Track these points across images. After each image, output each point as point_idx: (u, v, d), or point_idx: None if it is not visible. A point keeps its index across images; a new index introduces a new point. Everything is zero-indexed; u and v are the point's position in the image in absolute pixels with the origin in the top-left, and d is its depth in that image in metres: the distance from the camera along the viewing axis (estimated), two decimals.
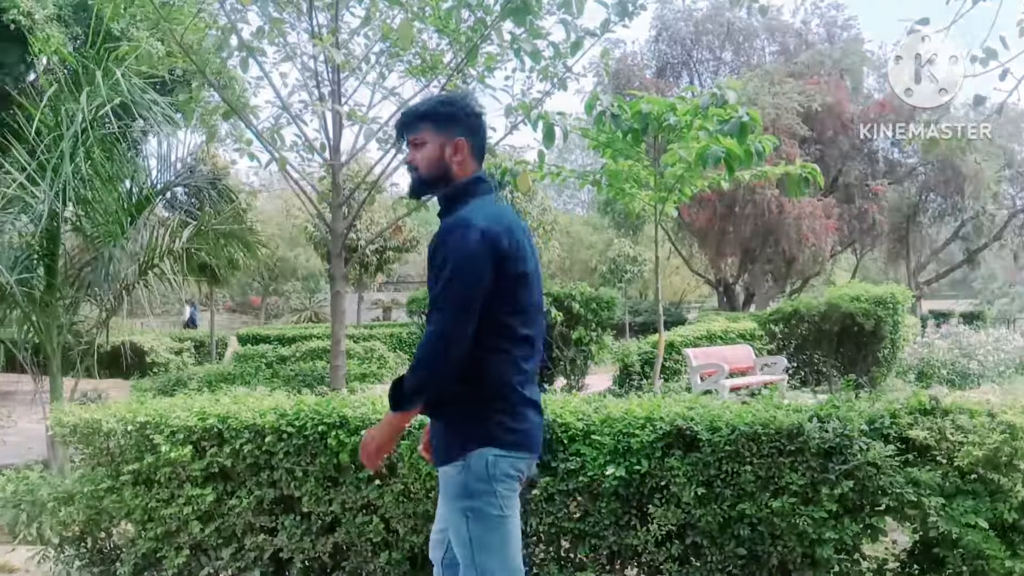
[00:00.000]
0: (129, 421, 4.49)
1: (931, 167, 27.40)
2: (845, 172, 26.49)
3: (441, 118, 2.65)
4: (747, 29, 29.90)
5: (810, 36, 30.05)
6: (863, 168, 26.78)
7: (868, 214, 25.59)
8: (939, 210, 30.05)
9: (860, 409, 3.73)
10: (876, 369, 12.98)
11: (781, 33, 30.04)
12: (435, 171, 2.63)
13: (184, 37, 6.77)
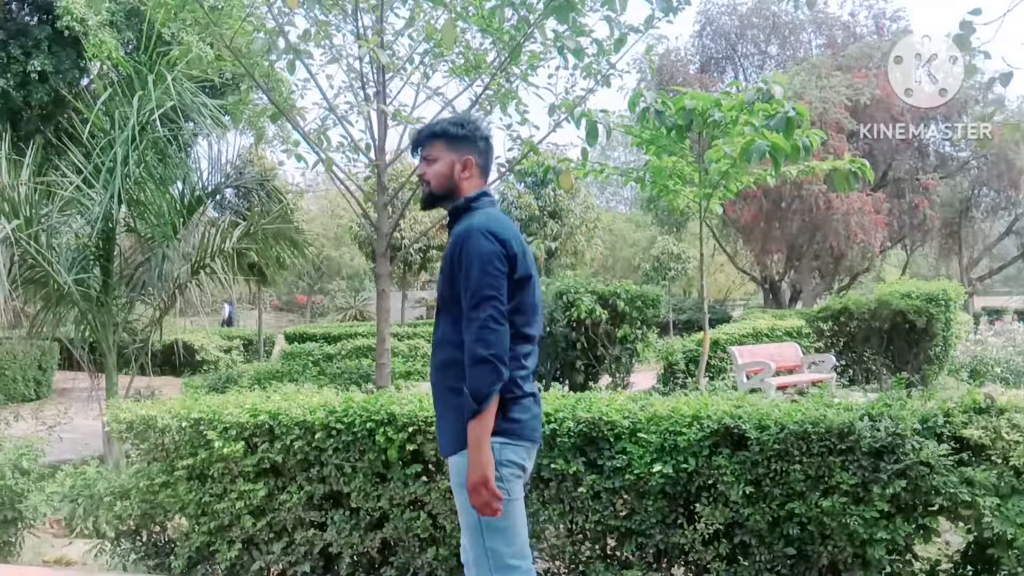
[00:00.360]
0: (183, 417, 4.59)
1: (984, 160, 26.73)
2: (895, 166, 26.00)
3: (454, 137, 2.82)
4: (793, 22, 29.48)
5: (858, 28, 29.54)
6: (913, 162, 26.26)
7: (919, 209, 25.08)
8: (992, 204, 29.33)
9: (912, 408, 3.67)
10: (927, 367, 12.70)
11: (828, 26, 29.56)
12: (445, 185, 2.80)
13: (233, 41, 6.90)
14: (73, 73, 14.89)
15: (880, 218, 23.37)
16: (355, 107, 7.56)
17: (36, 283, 7.12)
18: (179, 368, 15.78)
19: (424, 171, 2.82)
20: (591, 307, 9.59)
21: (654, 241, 30.17)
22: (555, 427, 3.96)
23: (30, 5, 15.68)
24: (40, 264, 6.81)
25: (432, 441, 4.14)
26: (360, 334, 17.26)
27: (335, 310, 38.33)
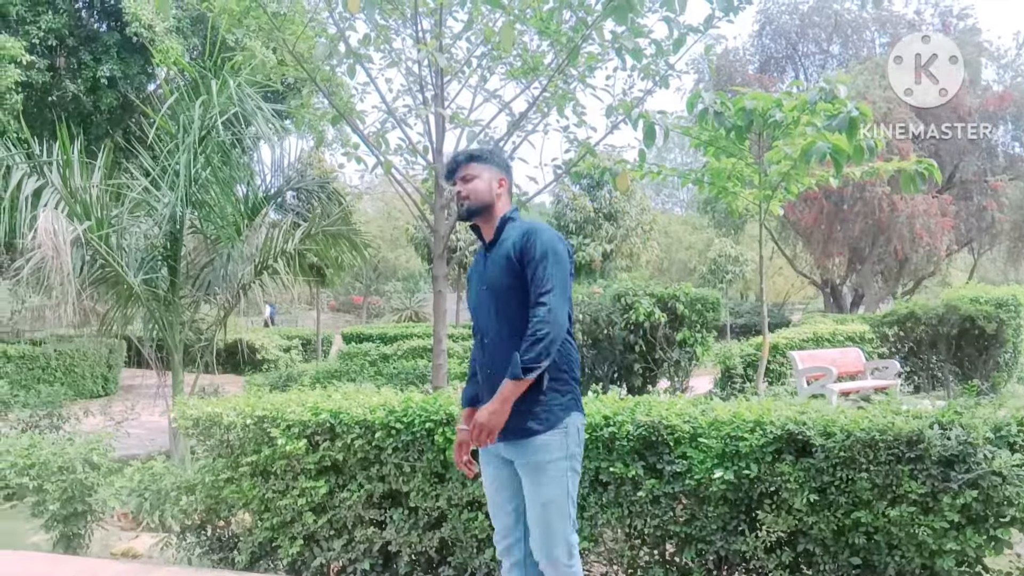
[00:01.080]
0: (248, 415, 4.68)
1: None
2: (962, 168, 25.25)
3: (491, 160, 3.20)
4: (856, 21, 28.86)
5: (923, 27, 28.74)
6: (981, 163, 25.47)
7: (987, 211, 24.34)
8: None
9: (984, 416, 3.56)
10: (996, 374, 12.31)
11: (892, 24, 28.84)
12: (483, 201, 3.12)
13: (295, 46, 7.01)
14: (140, 78, 15.34)
15: (946, 220, 22.75)
16: (413, 110, 7.61)
17: (106, 283, 7.35)
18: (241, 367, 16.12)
19: (462, 189, 3.11)
20: (650, 310, 9.52)
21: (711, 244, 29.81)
22: (614, 430, 3.93)
23: (99, 12, 16.20)
24: (110, 264, 7.03)
25: None
26: (416, 335, 17.42)
27: (391, 311, 38.71)
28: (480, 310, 3.12)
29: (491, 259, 3.07)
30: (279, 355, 18.19)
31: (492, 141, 7.55)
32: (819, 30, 29.39)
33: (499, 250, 3.03)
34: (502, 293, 2.99)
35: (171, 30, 13.48)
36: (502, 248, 3.02)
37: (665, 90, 7.29)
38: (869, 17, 28.69)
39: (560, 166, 8.01)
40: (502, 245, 3.03)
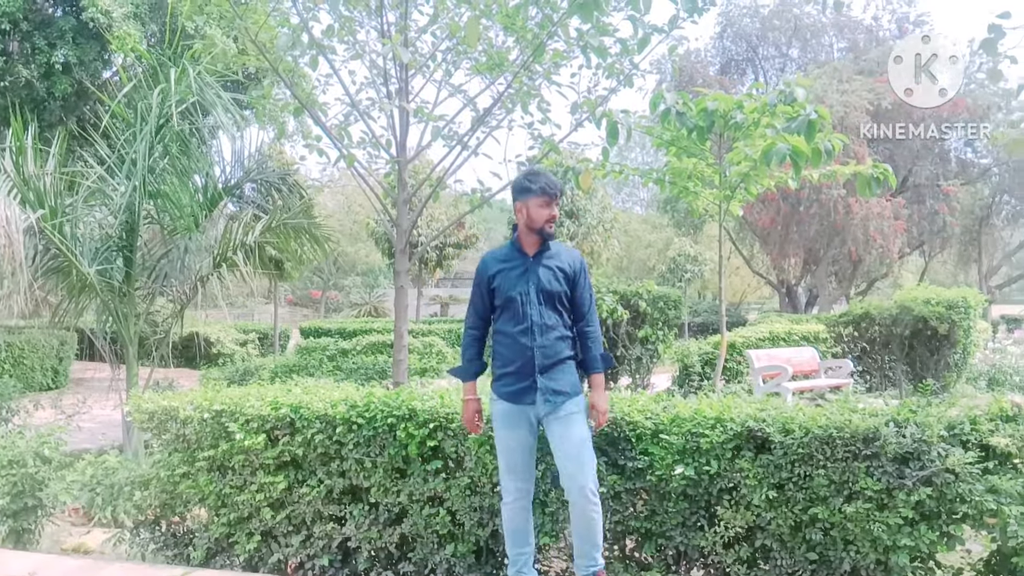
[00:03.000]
0: (205, 409, 4.61)
1: (1006, 168, 26.50)
2: (915, 172, 25.80)
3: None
4: (815, 25, 29.31)
5: (881, 32, 29.33)
6: (934, 168, 26.04)
7: (939, 215, 24.90)
8: (1013, 212, 29.09)
9: (938, 415, 3.64)
10: (947, 375, 12.61)
11: (851, 30, 29.36)
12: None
13: (257, 35, 6.91)
14: (97, 65, 14.99)
15: (899, 224, 23.22)
16: (377, 103, 7.56)
17: (59, 273, 7.17)
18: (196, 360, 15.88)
19: (556, 215, 3.83)
20: (613, 307, 9.55)
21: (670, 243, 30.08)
22: None
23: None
24: (63, 254, 6.86)
25: (452, 437, 4.15)
26: (375, 330, 17.31)
27: (350, 306, 38.45)
28: (529, 306, 3.74)
29: (537, 266, 3.78)
30: (235, 349, 17.95)
31: (456, 136, 7.54)
32: (779, 34, 29.79)
33: (548, 261, 3.80)
34: (555, 295, 3.76)
35: (129, 16, 13.20)
36: (552, 260, 3.81)
37: (629, 89, 7.34)
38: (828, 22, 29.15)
39: (524, 163, 8.02)
40: (552, 258, 3.82)
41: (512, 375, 3.74)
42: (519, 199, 3.84)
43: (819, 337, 12.82)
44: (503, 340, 3.80)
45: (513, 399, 3.73)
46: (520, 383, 3.72)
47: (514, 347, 3.74)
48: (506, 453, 3.77)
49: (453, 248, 26.50)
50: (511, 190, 3.97)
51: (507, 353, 3.77)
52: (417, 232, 22.34)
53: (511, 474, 3.77)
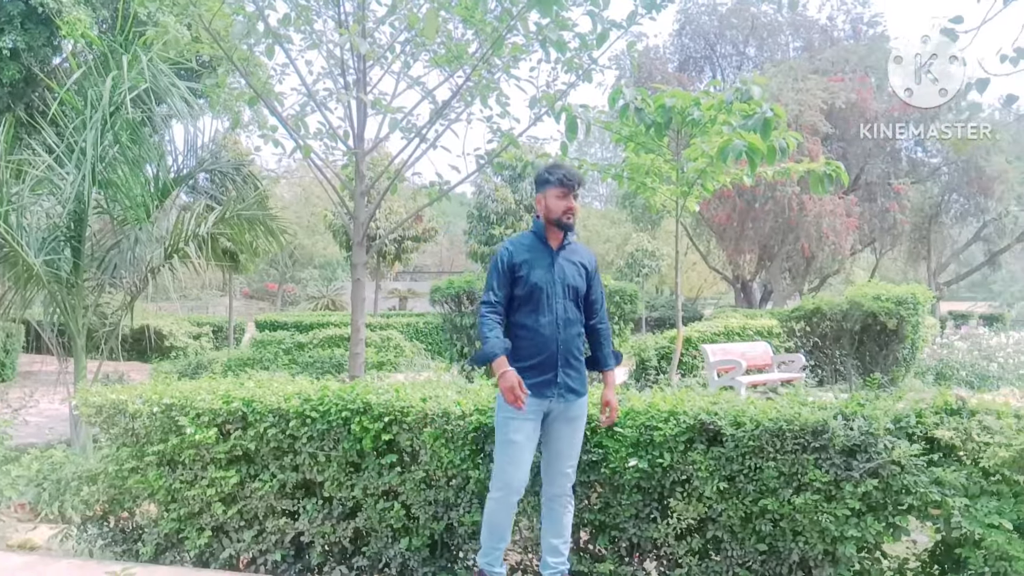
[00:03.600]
0: (155, 403, 4.53)
1: (955, 167, 27.13)
2: (867, 170, 26.29)
3: None
4: (771, 24, 29.69)
5: (835, 32, 29.83)
6: (886, 167, 26.57)
7: (889, 213, 25.41)
8: (961, 210, 29.78)
9: (885, 408, 3.72)
10: (895, 369, 12.90)
11: (806, 29, 29.81)
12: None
13: (212, 23, 6.79)
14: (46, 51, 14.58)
15: (851, 221, 23.65)
16: (334, 94, 7.48)
17: (4, 263, 6.99)
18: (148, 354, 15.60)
19: (575, 207, 3.81)
20: None
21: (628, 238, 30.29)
22: None
23: None
24: (9, 244, 6.69)
25: (407, 431, 4.13)
26: (332, 323, 17.19)
27: (307, 299, 38.09)
28: (555, 299, 3.73)
29: (562, 261, 3.80)
30: (188, 342, 17.66)
31: (415, 128, 7.49)
32: (736, 32, 30.12)
33: (570, 256, 3.84)
34: (577, 290, 3.80)
35: (80, 1, 12.88)
36: (574, 255, 3.86)
37: (588, 84, 7.37)
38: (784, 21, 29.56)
39: (483, 156, 8.00)
40: (574, 253, 3.87)
41: (534, 368, 3.66)
42: (539, 190, 3.85)
43: (772, 332, 13.02)
44: (524, 333, 3.71)
45: (532, 392, 3.62)
46: (542, 376, 3.67)
47: (537, 340, 3.68)
48: (510, 447, 3.63)
49: (412, 241, 26.39)
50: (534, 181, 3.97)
51: (529, 347, 3.69)
52: (375, 225, 22.20)
53: (512, 467, 3.63)
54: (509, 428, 3.63)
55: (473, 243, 25.27)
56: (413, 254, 28.41)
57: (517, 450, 3.62)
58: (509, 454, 3.63)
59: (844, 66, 25.94)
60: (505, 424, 3.65)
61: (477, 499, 4.09)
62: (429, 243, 29.07)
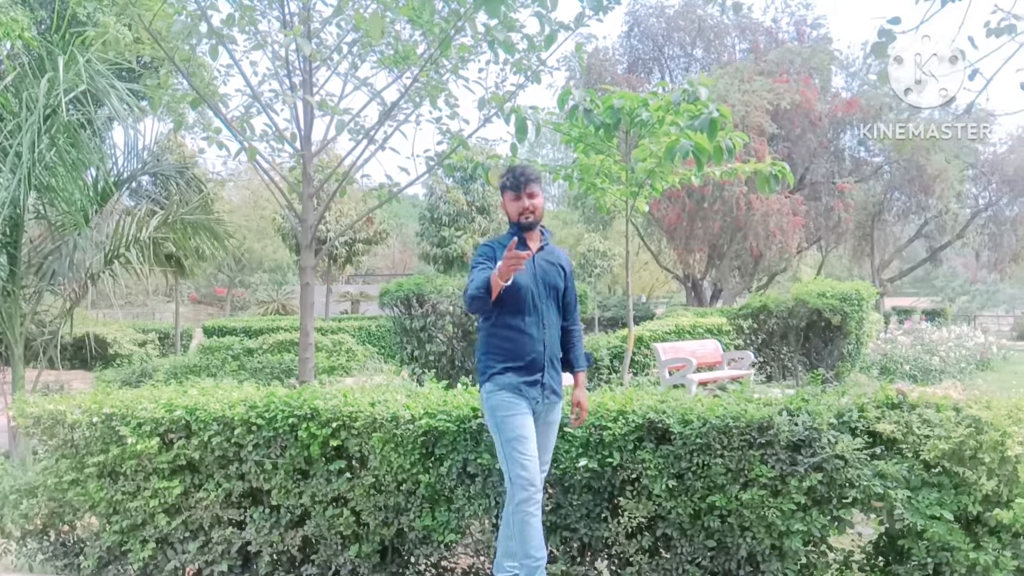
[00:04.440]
0: (94, 412, 4.41)
1: (897, 166, 27.78)
2: (812, 170, 26.78)
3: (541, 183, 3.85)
4: (718, 26, 30.07)
5: (780, 35, 30.32)
6: (830, 166, 27.09)
7: (834, 211, 25.88)
8: (903, 208, 30.47)
9: (829, 403, 3.78)
10: (841, 364, 13.15)
11: (752, 31, 30.26)
12: (540, 217, 3.79)
13: (152, 23, 6.64)
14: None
15: (798, 220, 24.05)
16: (280, 95, 7.38)
17: None
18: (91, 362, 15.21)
19: (529, 204, 3.71)
20: None
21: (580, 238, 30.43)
22: (482, 422, 3.94)
23: None
24: None
25: (356, 436, 4.08)
26: (283, 328, 16.94)
27: (256, 303, 37.54)
28: (540, 299, 3.69)
29: (542, 261, 3.77)
30: (133, 350, 17.27)
31: (363, 130, 7.42)
32: (684, 34, 30.43)
33: (548, 257, 3.81)
34: (557, 290, 3.79)
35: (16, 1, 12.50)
36: (551, 256, 3.83)
37: (537, 86, 7.39)
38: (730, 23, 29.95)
39: (433, 158, 7.97)
40: (551, 254, 3.84)
41: (521, 369, 3.58)
42: (501, 195, 3.85)
43: (722, 330, 13.19)
44: (509, 334, 3.61)
45: (518, 392, 3.54)
46: (530, 376, 3.59)
47: (523, 341, 3.61)
48: (518, 441, 3.47)
49: (363, 244, 26.15)
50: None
51: (514, 348, 3.60)
52: (325, 228, 21.96)
53: (530, 462, 3.46)
54: (515, 425, 3.50)
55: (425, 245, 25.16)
56: (364, 257, 28.17)
57: (529, 444, 3.49)
58: (523, 450, 3.47)
59: (789, 67, 26.39)
60: (509, 422, 3.51)
61: (428, 503, 4.06)
62: (381, 246, 28.84)
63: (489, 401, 3.58)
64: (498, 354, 3.62)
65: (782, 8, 31.11)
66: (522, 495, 3.44)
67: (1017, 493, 3.49)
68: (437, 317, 10.17)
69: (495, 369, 3.60)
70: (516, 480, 3.44)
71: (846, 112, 25.73)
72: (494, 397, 3.56)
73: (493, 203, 24.44)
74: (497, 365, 3.59)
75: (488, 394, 3.59)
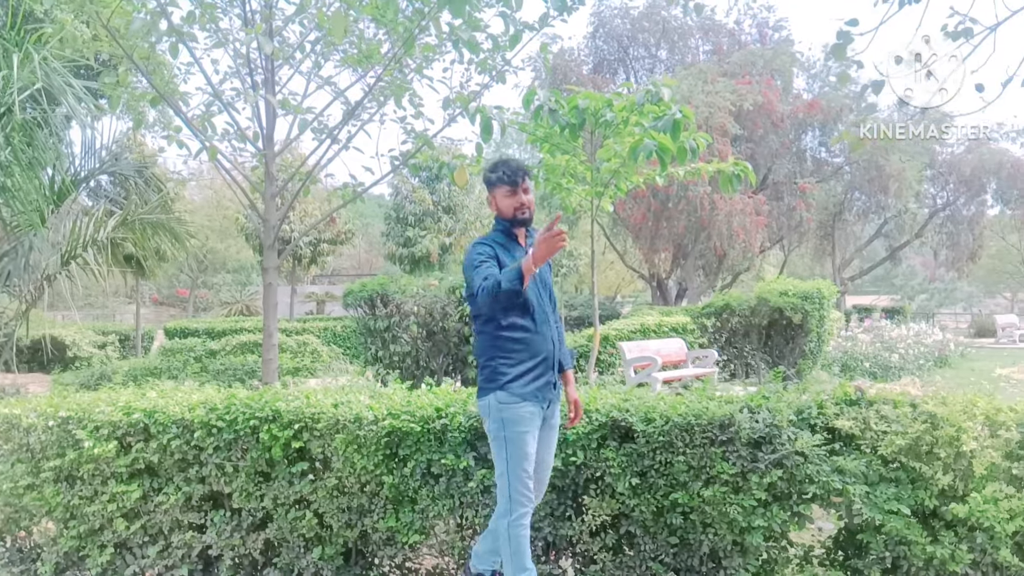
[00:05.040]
0: (50, 416, 4.33)
1: (857, 166, 28.21)
2: (775, 170, 27.09)
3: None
4: (682, 28, 30.30)
5: (743, 36, 30.64)
6: (792, 166, 27.44)
7: (796, 211, 26.21)
8: (863, 208, 30.97)
9: (788, 400, 3.83)
10: (802, 362, 13.33)
11: (715, 33, 30.53)
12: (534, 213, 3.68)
13: (110, 20, 6.54)
14: None
15: (760, 219, 24.32)
16: (242, 94, 7.30)
17: None
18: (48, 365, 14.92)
19: (527, 201, 3.61)
20: None
21: None
22: (446, 422, 3.93)
23: None
24: None
25: (319, 438, 4.05)
26: (246, 329, 16.75)
27: (220, 304, 37.12)
28: (540, 298, 3.59)
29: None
30: (93, 352, 16.96)
31: (326, 129, 7.37)
32: (648, 35, 30.61)
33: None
34: (550, 288, 3.70)
35: None
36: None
37: (503, 86, 7.39)
38: (694, 25, 30.20)
39: (397, 157, 7.93)
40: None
41: (534, 371, 3.45)
42: (488, 191, 3.65)
43: (687, 328, 13.29)
44: (518, 335, 3.45)
45: (535, 397, 3.43)
46: (542, 379, 3.48)
47: (535, 341, 3.48)
48: (526, 459, 3.39)
49: (328, 244, 25.97)
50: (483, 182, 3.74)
51: (526, 349, 3.45)
52: (289, 228, 21.76)
53: (530, 481, 3.42)
54: (526, 442, 3.39)
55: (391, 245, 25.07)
56: (330, 257, 27.99)
57: (529, 463, 3.42)
58: (528, 468, 3.40)
59: (751, 69, 26.67)
60: (522, 439, 3.38)
61: (391, 504, 4.04)
62: (346, 246, 28.66)
63: (503, 412, 3.40)
64: (509, 357, 3.44)
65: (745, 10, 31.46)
66: (520, 511, 3.40)
67: (972, 487, 3.56)
68: (401, 317, 10.13)
69: (509, 376, 3.42)
70: (517, 497, 3.38)
71: (807, 113, 26.08)
72: (509, 409, 3.39)
73: (459, 203, 24.41)
74: (510, 371, 3.42)
75: (502, 404, 3.40)
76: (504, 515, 3.41)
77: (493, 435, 3.47)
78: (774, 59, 27.41)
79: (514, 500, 3.39)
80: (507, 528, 3.40)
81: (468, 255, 3.49)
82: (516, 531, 3.40)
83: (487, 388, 3.46)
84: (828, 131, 26.54)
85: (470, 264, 3.43)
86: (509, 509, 3.40)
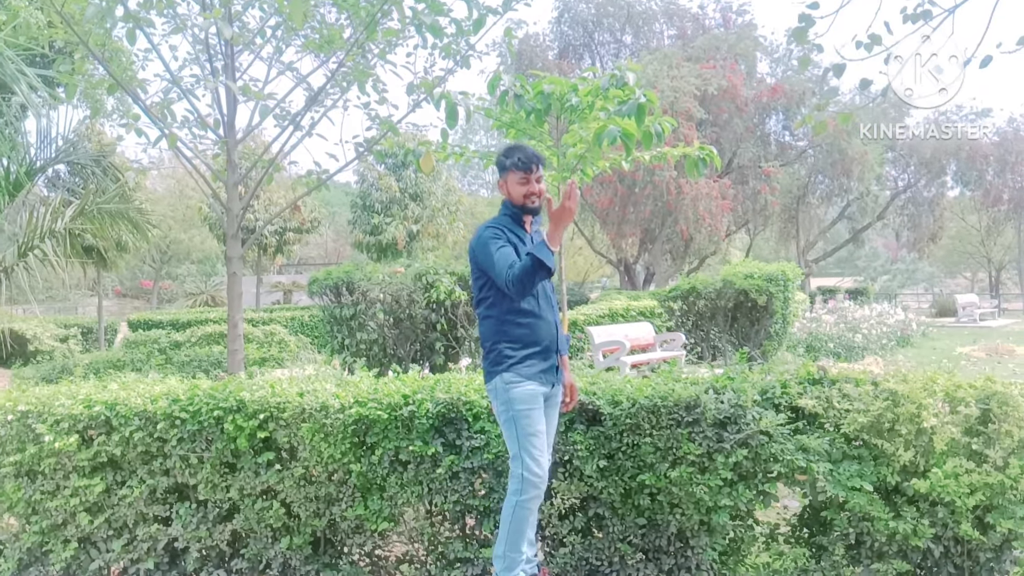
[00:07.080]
0: (9, 410, 4.25)
1: (820, 150, 28.51)
2: (739, 154, 27.29)
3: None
4: (646, 13, 30.37)
5: (707, 21, 30.77)
6: (756, 150, 27.65)
7: (761, 195, 26.45)
8: (827, 191, 31.34)
9: (753, 381, 3.86)
10: (768, 343, 13.49)
11: (679, 17, 30.64)
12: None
13: (65, 7, 6.38)
14: None
15: (726, 203, 24.50)
16: (201, 81, 7.17)
17: None
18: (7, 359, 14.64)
19: (538, 189, 3.59)
20: (450, 288, 9.58)
21: None
22: (413, 409, 3.92)
23: None
24: None
25: (285, 427, 4.02)
26: (212, 320, 16.57)
27: (184, 295, 36.66)
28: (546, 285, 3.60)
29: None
30: (55, 345, 16.66)
31: (289, 116, 7.27)
32: (613, 20, 30.65)
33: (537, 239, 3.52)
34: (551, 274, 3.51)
35: None
36: (538, 238, 3.53)
37: (468, 71, 7.35)
38: (658, 10, 30.29)
39: (362, 144, 7.85)
40: (538, 236, 3.58)
41: (540, 354, 3.50)
42: (500, 175, 3.65)
43: (654, 312, 13.38)
44: (524, 320, 3.49)
45: (541, 379, 3.49)
46: (548, 361, 3.54)
47: (540, 326, 3.52)
48: (538, 437, 3.43)
49: (294, 233, 25.73)
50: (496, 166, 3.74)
51: (531, 333, 3.50)
52: (254, 217, 21.50)
53: (542, 458, 3.45)
54: (534, 419, 3.44)
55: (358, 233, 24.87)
56: (296, 246, 27.72)
57: (543, 440, 3.47)
58: (539, 446, 3.44)
59: (715, 54, 26.80)
60: (530, 416, 3.43)
61: (360, 492, 4.03)
62: (313, 234, 28.42)
63: (509, 392, 3.44)
64: (516, 341, 3.49)
65: None
66: (532, 492, 3.42)
67: (933, 463, 3.63)
68: (368, 305, 10.07)
69: (515, 358, 3.46)
70: (529, 476, 3.40)
71: (771, 97, 26.29)
72: (515, 388, 3.43)
73: (426, 190, 24.28)
74: (516, 353, 3.47)
75: (508, 385, 3.44)
76: (515, 494, 3.45)
77: (502, 416, 3.50)
78: (738, 43, 27.57)
79: (526, 480, 3.41)
80: (514, 506, 3.44)
81: (480, 238, 3.51)
82: (522, 512, 3.44)
83: (493, 371, 3.51)
84: (791, 115, 26.79)
85: (483, 247, 3.46)
86: (520, 489, 3.42)
